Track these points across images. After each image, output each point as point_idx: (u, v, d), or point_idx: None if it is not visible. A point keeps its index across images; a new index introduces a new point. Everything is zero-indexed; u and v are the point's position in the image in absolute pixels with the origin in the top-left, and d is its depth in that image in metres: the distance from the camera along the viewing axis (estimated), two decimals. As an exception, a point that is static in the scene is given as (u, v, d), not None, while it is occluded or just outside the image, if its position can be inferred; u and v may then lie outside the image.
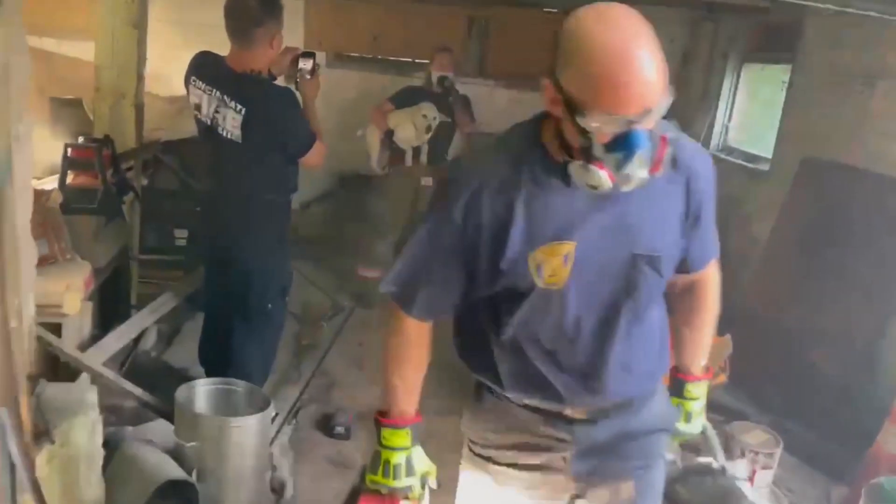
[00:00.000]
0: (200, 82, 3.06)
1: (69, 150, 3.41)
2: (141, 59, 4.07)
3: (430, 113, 5.03)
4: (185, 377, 3.45)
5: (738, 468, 2.55)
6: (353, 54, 6.59)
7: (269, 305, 3.29)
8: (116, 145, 3.76)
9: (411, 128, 5.06)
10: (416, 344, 1.69)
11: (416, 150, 5.16)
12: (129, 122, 4.08)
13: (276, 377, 3.88)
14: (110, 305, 3.79)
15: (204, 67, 3.10)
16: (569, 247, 1.47)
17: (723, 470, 2.11)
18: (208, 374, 3.28)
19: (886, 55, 4.06)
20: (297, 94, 3.18)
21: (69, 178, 3.40)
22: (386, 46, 6.52)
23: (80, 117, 4.49)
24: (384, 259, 5.14)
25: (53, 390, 2.28)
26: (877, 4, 2.10)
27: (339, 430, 3.47)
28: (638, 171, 1.36)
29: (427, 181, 5.22)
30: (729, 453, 2.63)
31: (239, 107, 2.98)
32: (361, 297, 5.16)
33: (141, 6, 4.01)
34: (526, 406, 1.64)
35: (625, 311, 1.54)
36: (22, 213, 1.88)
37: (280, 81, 3.27)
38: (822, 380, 3.89)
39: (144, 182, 4.12)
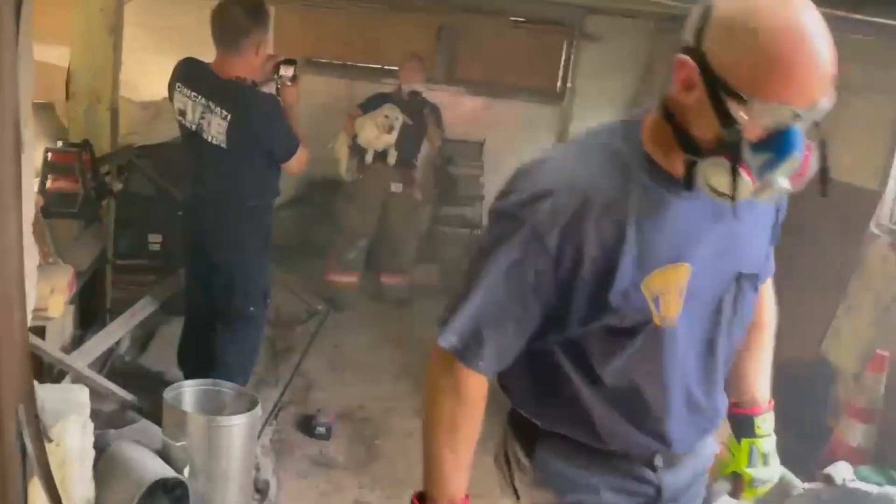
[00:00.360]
0: (185, 88, 3.10)
1: (49, 154, 3.41)
2: (116, 64, 4.08)
3: (391, 113, 5.05)
4: (163, 381, 3.49)
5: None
6: (323, 60, 6.64)
7: (252, 309, 3.33)
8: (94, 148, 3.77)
9: (373, 128, 5.07)
10: (476, 405, 1.37)
11: (383, 154, 5.16)
12: (104, 127, 4.08)
13: (254, 380, 3.91)
14: (88, 309, 3.79)
15: (189, 74, 3.14)
16: (684, 270, 1.26)
17: None
18: (187, 377, 3.31)
19: (838, 66, 4.27)
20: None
21: (49, 183, 3.40)
22: (356, 52, 6.59)
23: (53, 121, 4.47)
24: (353, 264, 5.26)
25: (47, 391, 2.31)
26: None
27: (320, 430, 3.53)
28: (782, 178, 1.17)
29: (397, 187, 5.26)
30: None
31: (224, 113, 3.02)
32: (333, 300, 5.21)
33: (117, 11, 4.03)
34: (613, 453, 1.40)
35: (722, 339, 1.37)
36: (25, 217, 1.92)
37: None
38: (782, 376, 4.07)
39: (119, 186, 4.12)
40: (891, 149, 3.88)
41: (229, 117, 3.02)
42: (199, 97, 3.07)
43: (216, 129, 3.05)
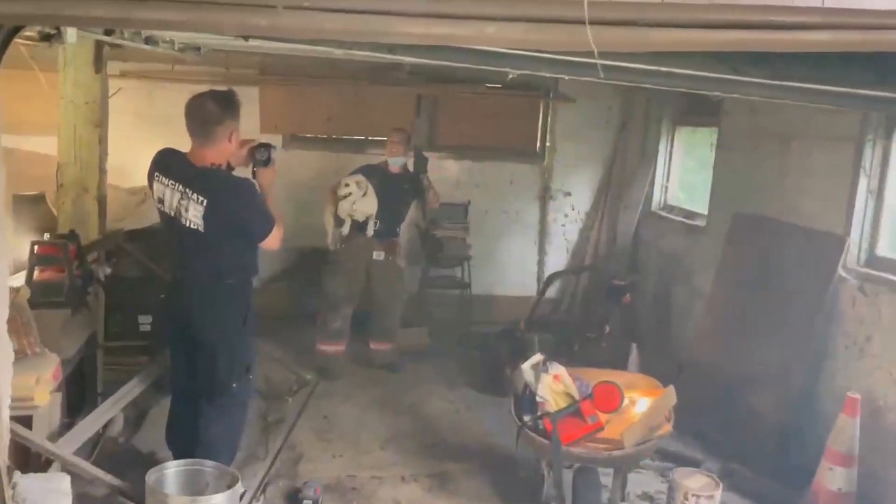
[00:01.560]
0: (163, 177, 3.27)
1: (36, 247, 3.56)
2: (102, 155, 4.27)
3: (351, 181, 5.21)
4: (154, 461, 3.55)
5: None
6: (308, 135, 6.86)
7: (234, 385, 3.41)
8: (80, 237, 3.92)
9: (347, 200, 5.23)
10: None
11: (363, 224, 5.26)
12: (92, 215, 4.26)
13: (243, 454, 3.97)
14: (77, 393, 3.88)
15: (166, 163, 3.31)
16: None
17: None
18: (176, 456, 3.39)
19: (798, 117, 4.44)
20: (256, 183, 3.39)
21: (36, 274, 3.53)
22: (339, 126, 6.82)
23: (42, 212, 4.64)
24: (339, 333, 5.32)
25: (29, 481, 2.39)
26: (761, 90, 2.40)
27: (307, 502, 3.56)
28: None
29: (379, 255, 5.34)
30: (671, 499, 2.81)
31: (201, 199, 3.17)
32: (322, 370, 5.28)
33: (102, 105, 4.23)
34: None
35: None
36: (1, 313, 2.03)
37: (239, 171, 3.49)
38: (763, 423, 4.12)
39: (108, 271, 4.26)
40: (851, 193, 4.00)
41: (205, 203, 3.17)
42: (177, 185, 3.23)
43: (193, 214, 3.20)
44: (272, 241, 3.38)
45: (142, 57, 6.11)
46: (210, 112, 3.23)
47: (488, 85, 6.65)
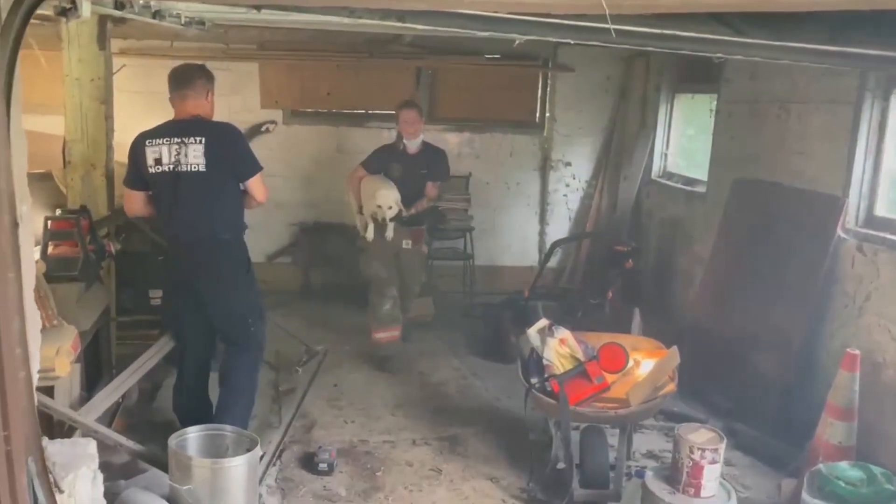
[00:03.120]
0: (155, 139, 3.51)
1: (49, 222, 3.61)
2: (109, 132, 4.31)
3: (384, 202, 4.94)
4: (170, 430, 3.63)
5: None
6: (308, 110, 6.88)
7: (252, 328, 3.68)
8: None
9: (372, 207, 5.02)
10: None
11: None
12: (100, 191, 4.30)
13: (257, 423, 4.07)
14: (93, 366, 3.96)
15: (151, 132, 3.56)
16: None
17: None
18: (183, 422, 3.55)
19: (797, 81, 4.49)
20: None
21: (50, 249, 3.59)
22: (339, 100, 6.84)
23: (51, 189, 4.69)
24: (391, 316, 5.15)
25: (56, 446, 2.47)
26: (763, 51, 2.45)
27: (323, 466, 3.67)
28: None
29: (407, 243, 5.24)
30: (677, 453, 2.91)
31: (199, 138, 3.47)
32: (383, 361, 5.12)
33: (106, 83, 4.26)
34: None
35: None
36: (28, 283, 2.10)
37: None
38: (764, 382, 4.22)
39: (118, 247, 4.31)
40: (850, 155, 4.05)
41: (203, 140, 3.48)
42: (172, 139, 3.50)
43: (193, 155, 3.47)
44: (258, 188, 3.64)
45: (141, 34, 6.14)
46: (190, 68, 3.70)
47: (487, 56, 6.66)
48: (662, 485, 2.94)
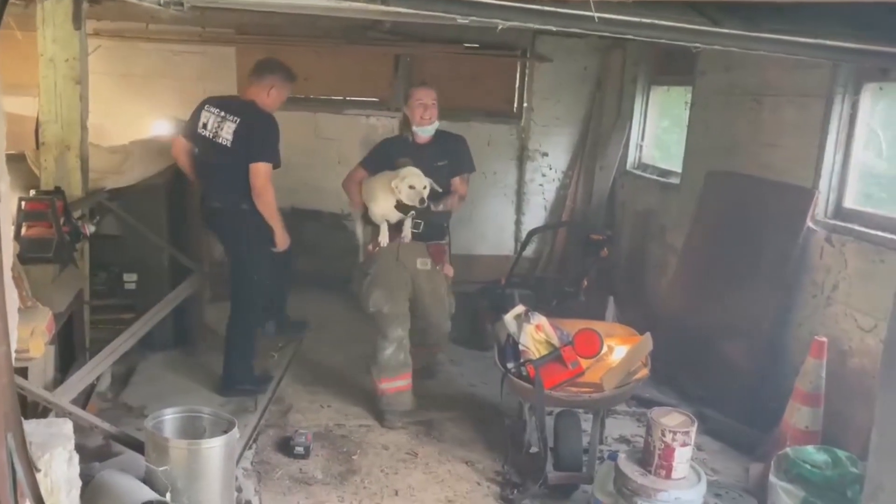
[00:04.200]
0: (211, 107, 4.25)
1: (23, 203, 3.56)
2: (84, 112, 4.25)
3: (417, 182, 3.88)
4: (144, 415, 3.63)
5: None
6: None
7: (241, 292, 4.40)
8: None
9: (388, 198, 3.97)
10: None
11: (398, 225, 4.10)
12: (74, 173, 4.24)
13: (233, 407, 4.08)
14: (66, 349, 3.92)
15: (215, 99, 4.33)
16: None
17: None
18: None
19: (770, 74, 4.57)
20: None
21: (24, 230, 3.54)
22: (317, 87, 6.80)
23: (24, 171, 4.61)
24: (400, 365, 4.09)
25: (32, 426, 2.46)
26: (737, 41, 2.50)
27: (299, 449, 3.68)
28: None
29: (424, 263, 4.18)
30: (650, 436, 2.97)
31: (235, 118, 4.15)
32: (386, 415, 4.12)
33: (82, 62, 4.20)
34: None
35: None
36: (6, 261, 2.08)
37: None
38: (734, 369, 4.31)
39: (92, 229, 4.27)
40: (820, 148, 4.14)
41: (238, 121, 4.14)
42: (220, 111, 4.21)
43: (226, 132, 4.14)
44: (258, 174, 4.09)
45: (117, 16, 6.06)
46: (268, 64, 4.34)
47: (466, 45, 6.68)
48: (635, 467, 3.00)
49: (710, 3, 2.34)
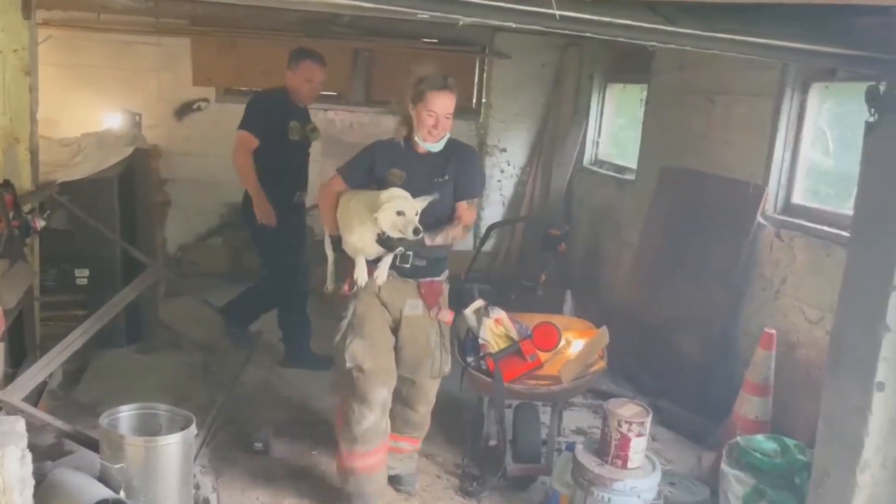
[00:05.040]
0: None
1: (-30, 196, 3.46)
2: (34, 104, 4.14)
3: (407, 207, 2.92)
4: (97, 413, 3.56)
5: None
6: (242, 88, 6.75)
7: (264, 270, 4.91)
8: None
9: (368, 229, 3.00)
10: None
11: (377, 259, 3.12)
12: (24, 166, 4.13)
13: (191, 405, 4.01)
14: (17, 346, 3.83)
15: None
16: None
17: None
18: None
19: (722, 74, 4.67)
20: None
21: (-29, 224, 3.45)
22: (274, 80, 6.70)
23: (-30, 163, 4.47)
24: (376, 432, 3.22)
25: (-18, 424, 2.40)
26: (692, 41, 2.56)
27: (258, 445, 3.66)
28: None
29: (414, 306, 3.20)
30: (606, 427, 3.02)
31: None
32: (352, 498, 3.28)
33: (31, 52, 4.09)
34: None
35: None
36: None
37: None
38: (687, 362, 4.41)
39: (43, 224, 4.17)
40: (770, 146, 4.25)
41: None
42: None
43: None
44: (235, 142, 4.46)
45: (67, 5, 5.92)
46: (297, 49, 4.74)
47: (425, 40, 6.68)
48: (591, 457, 3.05)
49: (667, 3, 2.39)
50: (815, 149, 4.18)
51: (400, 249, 3.06)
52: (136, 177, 4.91)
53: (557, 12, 1.65)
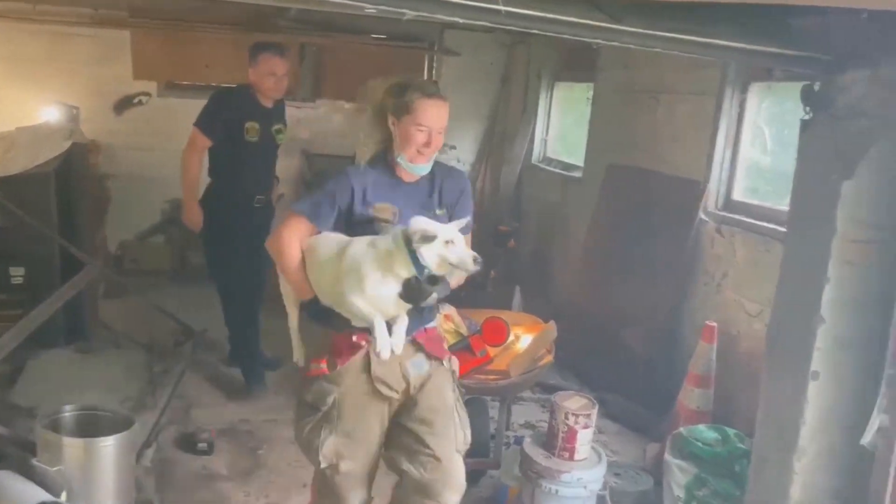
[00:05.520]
0: None
1: None
2: (-36, 96, 3.99)
3: (455, 234, 2.31)
4: (32, 415, 3.46)
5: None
6: (184, 83, 6.61)
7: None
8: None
9: (389, 280, 2.28)
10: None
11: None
12: (-46, 161, 3.97)
13: (132, 405, 3.93)
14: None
15: None
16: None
17: None
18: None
19: (666, 73, 4.77)
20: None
21: None
22: (218, 74, 6.60)
23: None
24: None
25: None
26: (636, 39, 2.60)
27: (202, 446, 3.60)
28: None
29: (419, 364, 2.49)
30: (554, 419, 3.06)
31: None
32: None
33: (-39, 42, 3.94)
34: None
35: None
36: None
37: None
38: (632, 355, 4.49)
39: (-25, 221, 4.02)
40: (711, 144, 4.35)
41: None
42: None
43: None
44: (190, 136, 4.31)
45: (0, -7, 5.71)
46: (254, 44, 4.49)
47: (374, 36, 6.65)
48: (539, 450, 3.08)
49: (611, 1, 2.42)
50: (755, 147, 4.30)
51: (434, 297, 2.31)
52: (74, 172, 4.75)
53: (503, 8, 1.66)
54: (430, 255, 2.25)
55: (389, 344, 2.34)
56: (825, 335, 2.44)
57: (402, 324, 2.37)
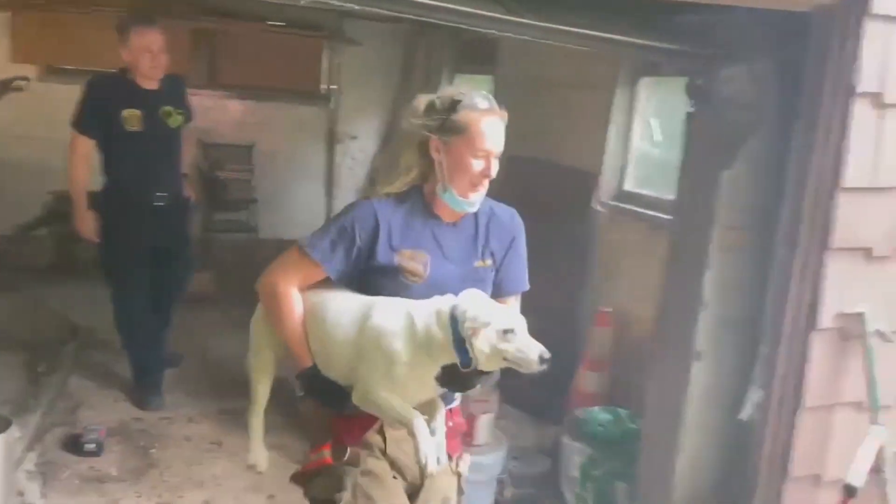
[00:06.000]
0: None
1: None
2: None
3: (516, 322, 1.98)
4: None
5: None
6: (67, 67, 6.26)
7: None
8: None
9: (428, 366, 1.87)
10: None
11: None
12: None
13: (13, 406, 3.70)
14: None
15: None
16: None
17: None
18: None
19: (564, 66, 4.88)
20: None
21: None
22: (105, 59, 6.26)
23: None
24: None
25: None
26: (531, 31, 2.66)
27: (90, 446, 3.44)
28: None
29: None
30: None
31: None
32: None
33: None
34: None
35: None
36: None
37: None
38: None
39: None
40: (605, 136, 4.50)
41: None
42: None
43: None
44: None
45: None
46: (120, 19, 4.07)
47: (270, 23, 6.49)
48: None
49: (506, -8, 2.47)
50: (644, 139, 4.47)
51: (478, 388, 1.96)
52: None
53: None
54: (482, 348, 1.79)
55: (436, 449, 1.83)
56: (707, 318, 2.58)
57: (442, 416, 1.91)
